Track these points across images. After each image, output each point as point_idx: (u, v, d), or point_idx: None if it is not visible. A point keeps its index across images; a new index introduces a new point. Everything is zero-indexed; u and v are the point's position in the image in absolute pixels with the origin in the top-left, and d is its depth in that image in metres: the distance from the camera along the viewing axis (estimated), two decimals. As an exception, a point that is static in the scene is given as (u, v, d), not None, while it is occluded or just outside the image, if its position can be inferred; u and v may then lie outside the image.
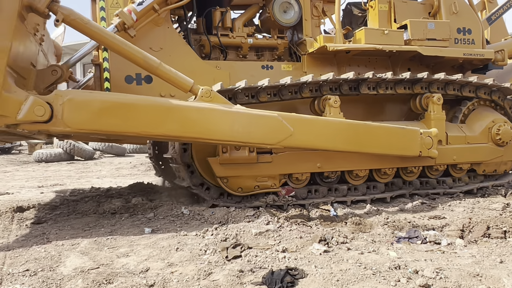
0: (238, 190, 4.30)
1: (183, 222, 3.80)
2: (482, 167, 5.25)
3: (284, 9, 5.13)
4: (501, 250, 2.84)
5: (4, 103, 2.90)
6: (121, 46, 3.42)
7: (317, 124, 4.04)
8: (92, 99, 3.26)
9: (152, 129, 3.41)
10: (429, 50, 5.21)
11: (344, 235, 3.21)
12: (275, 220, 3.53)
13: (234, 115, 3.64)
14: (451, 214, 4.07)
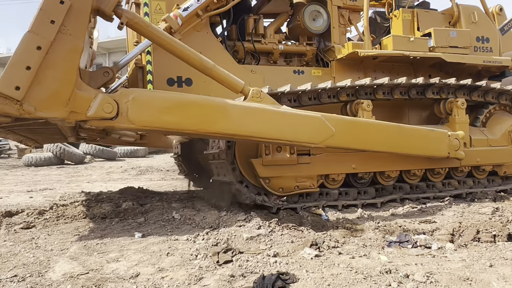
0: (279, 190, 4.45)
1: (174, 226, 3.78)
2: (503, 168, 5.46)
3: (314, 17, 5.35)
4: (490, 254, 2.86)
5: (76, 100, 3.04)
6: (180, 48, 3.56)
7: (357, 125, 4.22)
8: (155, 98, 3.41)
9: (209, 127, 3.52)
10: (452, 57, 5.51)
11: (335, 240, 3.21)
12: (267, 225, 3.52)
13: (283, 115, 3.78)
14: (441, 218, 4.09)
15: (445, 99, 5.13)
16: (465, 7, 5.96)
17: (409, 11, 5.71)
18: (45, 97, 2.91)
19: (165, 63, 4.50)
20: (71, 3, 2.93)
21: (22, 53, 2.84)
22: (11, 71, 2.81)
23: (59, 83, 2.96)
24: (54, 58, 2.90)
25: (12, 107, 2.80)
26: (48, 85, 2.92)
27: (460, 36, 5.64)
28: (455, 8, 5.84)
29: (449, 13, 5.90)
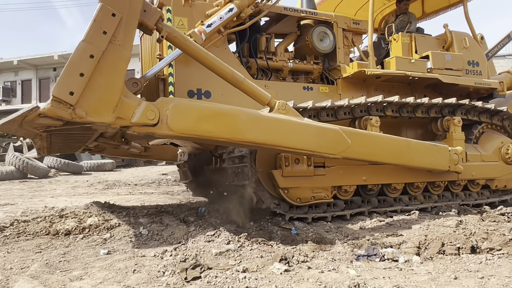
0: (297, 200, 4.66)
1: (141, 242, 3.70)
2: (495, 182, 5.87)
3: (321, 38, 5.67)
4: (455, 266, 2.92)
5: (122, 107, 3.22)
6: (213, 62, 3.78)
7: (370, 138, 4.53)
8: (193, 107, 3.60)
9: (241, 136, 3.72)
10: (448, 78, 5.99)
11: (304, 254, 3.21)
12: (236, 240, 3.49)
13: (306, 127, 4.05)
14: (408, 231, 4.16)
15: (443, 117, 5.54)
16: (457, 34, 6.47)
17: (407, 35, 6.16)
18: (96, 103, 3.09)
19: (186, 75, 4.74)
20: (121, 16, 3.16)
21: (76, 61, 3.02)
22: (66, 77, 2.99)
23: (109, 90, 3.15)
24: (105, 66, 3.10)
25: (65, 111, 2.97)
26: (99, 92, 3.10)
27: (454, 60, 6.16)
28: (449, 34, 6.37)
29: (443, 38, 6.43)
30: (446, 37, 6.40)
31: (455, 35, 6.43)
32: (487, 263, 2.92)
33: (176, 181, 11.10)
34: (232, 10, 4.84)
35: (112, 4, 3.13)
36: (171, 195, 8.12)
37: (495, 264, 2.89)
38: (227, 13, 4.82)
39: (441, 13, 7.59)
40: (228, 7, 4.84)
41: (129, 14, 3.22)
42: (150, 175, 13.76)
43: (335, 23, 5.85)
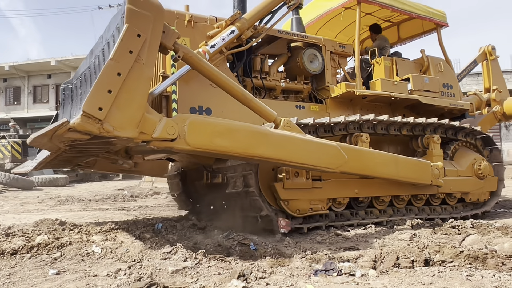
0: (296, 211, 4.90)
1: (94, 261, 3.54)
2: (469, 196, 6.26)
3: (311, 60, 5.98)
4: (409, 279, 2.98)
5: (145, 122, 3.40)
6: (226, 81, 4.06)
7: (364, 154, 4.88)
8: (208, 123, 3.84)
9: (251, 151, 3.97)
10: (427, 99, 6.46)
11: (263, 270, 3.18)
12: (193, 256, 3.41)
13: (309, 143, 4.35)
14: (364, 245, 4.22)
15: (423, 135, 5.98)
16: (433, 58, 6.95)
17: (389, 59, 6.57)
18: (122, 118, 3.25)
19: (188, 93, 4.89)
20: (146, 37, 3.37)
21: (105, 78, 3.19)
22: (95, 94, 3.13)
23: (134, 106, 3.33)
24: (130, 83, 3.28)
25: (94, 126, 3.11)
26: (125, 108, 3.26)
27: (431, 82, 6.64)
28: (425, 59, 6.85)
29: (420, 62, 6.91)
30: (423, 61, 6.88)
31: (431, 59, 6.90)
32: (440, 275, 2.99)
33: (160, 194, 10.84)
34: (234, 32, 5.07)
35: (137, 26, 3.34)
36: (127, 211, 7.90)
37: (447, 276, 2.97)
38: (229, 35, 5.05)
39: (416, 38, 8.08)
40: (230, 29, 5.07)
41: (152, 35, 3.43)
42: (105, 191, 13.37)
43: (323, 46, 6.18)
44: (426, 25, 7.53)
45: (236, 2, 5.73)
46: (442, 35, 7.24)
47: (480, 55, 8.59)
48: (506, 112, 7.99)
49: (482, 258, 3.33)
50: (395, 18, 7.55)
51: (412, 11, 6.82)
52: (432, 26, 7.40)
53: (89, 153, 4.62)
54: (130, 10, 3.35)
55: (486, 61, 8.52)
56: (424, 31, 7.72)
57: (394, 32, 8.04)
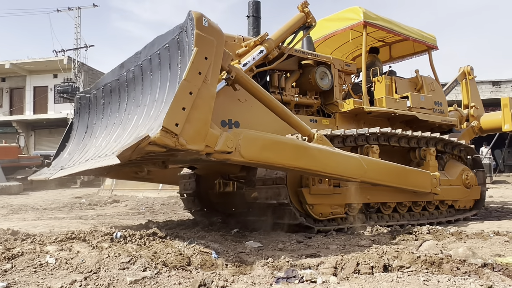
0: (319, 215, 5.33)
1: (47, 273, 3.38)
2: (458, 203, 6.91)
3: (321, 77, 6.39)
4: (369, 285, 3.02)
5: (209, 136, 3.78)
6: (269, 98, 4.61)
7: (379, 164, 5.45)
8: (258, 137, 4.28)
9: (293, 162, 4.43)
10: (423, 116, 7.13)
11: (224, 279, 3.14)
12: (153, 266, 3.32)
13: (338, 155, 4.88)
14: (325, 251, 4.26)
15: (420, 147, 6.57)
16: (426, 78, 7.59)
17: (389, 78, 7.05)
18: (193, 133, 3.62)
19: (218, 106, 5.07)
20: (211, 59, 3.77)
21: (180, 96, 3.54)
22: (173, 111, 3.49)
23: (202, 122, 3.71)
24: (199, 102, 3.66)
25: (171, 140, 3.46)
26: (195, 123, 3.63)
27: (426, 100, 7.32)
28: (420, 79, 7.48)
29: (414, 81, 7.52)
30: (417, 80, 7.50)
31: (424, 79, 7.55)
32: (398, 280, 3.05)
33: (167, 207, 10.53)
34: (262, 52, 5.45)
35: (204, 49, 3.74)
36: (85, 220, 7.66)
37: (405, 281, 3.03)
38: (258, 54, 5.41)
39: (407, 58, 8.73)
40: (259, 49, 5.44)
41: (215, 57, 3.83)
42: (62, 199, 12.93)
43: (332, 64, 6.66)
44: (417, 47, 8.19)
45: (251, 22, 6.31)
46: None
47: (460, 75, 9.30)
48: (482, 127, 8.80)
49: (438, 263, 3.43)
50: (388, 39, 8.16)
51: (409, 34, 7.49)
52: (424, 48, 8.07)
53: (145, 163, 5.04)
54: (198, 35, 3.76)
55: (465, 80, 9.25)
56: (415, 52, 8.40)
57: (386, 51, 8.64)
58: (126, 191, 13.60)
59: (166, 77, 4.51)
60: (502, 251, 4.23)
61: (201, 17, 3.85)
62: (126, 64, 5.38)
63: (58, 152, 6.45)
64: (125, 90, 5.36)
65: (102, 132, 5.67)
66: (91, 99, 6.20)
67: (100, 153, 5.04)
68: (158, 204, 10.95)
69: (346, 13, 7.14)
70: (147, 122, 4.37)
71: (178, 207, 10.16)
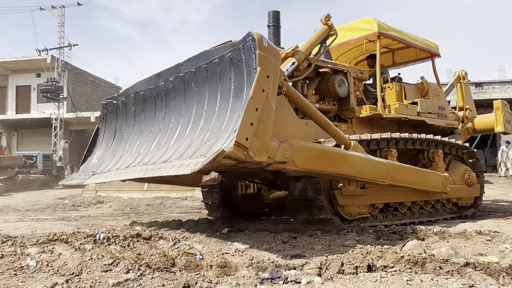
0: (348, 215, 5.72)
1: (28, 275, 3.32)
2: (461, 201, 7.37)
3: (339, 84, 6.65)
4: (353, 285, 3.03)
5: (271, 149, 4.15)
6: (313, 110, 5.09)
7: (402, 168, 5.94)
8: (308, 147, 4.72)
9: (336, 169, 4.95)
10: (430, 120, 7.59)
11: (208, 280, 3.12)
12: (136, 268, 3.29)
13: (370, 161, 5.38)
14: (310, 252, 4.27)
15: (429, 149, 6.99)
16: (431, 84, 8.00)
17: (398, 84, 7.40)
18: (259, 146, 3.96)
19: None
20: (271, 77, 4.09)
21: (248, 113, 3.86)
22: (243, 126, 3.80)
23: (266, 136, 4.06)
24: (263, 117, 3.98)
25: (242, 153, 3.78)
26: (260, 137, 3.97)
27: (432, 105, 7.77)
28: (426, 85, 7.87)
29: (420, 87, 7.90)
30: (423, 86, 7.89)
31: (429, 85, 7.94)
32: (382, 280, 3.07)
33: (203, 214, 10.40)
34: (294, 64, 5.65)
35: (266, 68, 4.05)
36: (68, 221, 7.56)
37: (388, 281, 3.04)
38: (291, 66, 5.59)
39: (410, 64, 9.14)
40: (291, 61, 5.63)
41: (274, 75, 4.13)
42: (45, 200, 12.74)
43: (348, 72, 6.92)
44: (420, 54, 8.56)
45: (272, 32, 6.58)
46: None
47: (456, 79, 9.70)
48: (476, 128, 9.22)
49: (421, 263, 3.46)
50: (392, 46, 8.44)
51: (417, 44, 7.93)
52: (427, 56, 8.48)
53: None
54: (261, 55, 4.06)
55: (460, 84, 9.64)
56: (418, 58, 8.80)
57: (389, 57, 9.00)
58: (110, 192, 13.45)
59: (215, 90, 4.77)
60: (484, 250, 4.29)
61: (261, 38, 4.14)
62: (164, 74, 5.60)
63: (85, 157, 6.67)
64: (163, 99, 5.61)
65: (136, 139, 5.93)
66: (118, 105, 6.44)
67: (145, 161, 5.29)
68: (143, 205, 10.85)
69: (361, 23, 7.53)
70: (200, 133, 4.70)
71: (163, 208, 10.10)
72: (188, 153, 4.59)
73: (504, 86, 24.60)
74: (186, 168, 4.19)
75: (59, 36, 28.90)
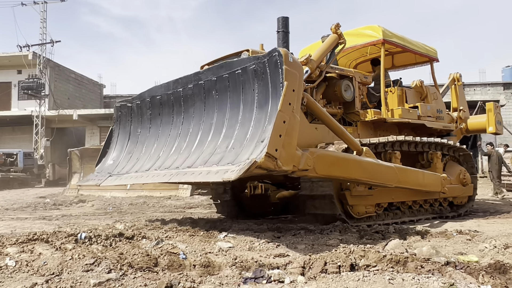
0: (357, 214, 6.03)
1: (7, 276, 3.25)
2: (457, 199, 7.72)
3: (345, 89, 6.89)
4: (336, 284, 3.04)
5: (296, 158, 4.41)
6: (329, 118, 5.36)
7: (406, 171, 6.25)
8: (326, 155, 5.05)
9: (351, 174, 5.31)
10: (430, 124, 7.91)
11: (191, 280, 3.10)
12: (118, 268, 3.25)
13: (380, 166, 5.75)
14: (294, 251, 4.27)
15: (429, 151, 7.30)
16: (429, 88, 8.32)
17: (400, 89, 7.68)
18: (286, 156, 4.20)
19: None
20: (296, 91, 4.31)
21: (277, 125, 4.10)
22: (273, 138, 4.05)
23: (292, 146, 4.32)
24: (289, 128, 4.23)
25: (271, 163, 4.03)
26: (287, 147, 4.22)
27: (431, 109, 8.09)
28: (425, 89, 8.15)
29: (419, 91, 8.15)
30: (422, 90, 8.15)
31: (428, 89, 8.25)
32: (364, 279, 3.09)
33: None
34: (307, 72, 5.88)
35: (292, 83, 4.26)
36: (48, 220, 7.44)
37: (371, 280, 3.07)
38: (305, 73, 5.70)
39: (409, 67, 9.47)
40: (305, 70, 5.76)
41: (298, 88, 4.35)
42: (25, 199, 12.52)
43: (354, 77, 7.17)
44: (418, 58, 8.92)
45: (281, 37, 6.70)
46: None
47: (451, 81, 10.03)
48: (469, 129, 9.55)
49: (403, 262, 3.50)
50: (392, 50, 8.63)
51: (418, 50, 8.26)
52: (425, 60, 8.85)
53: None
54: (287, 71, 4.27)
55: (455, 85, 9.97)
56: (417, 62, 9.15)
57: (389, 60, 9.27)
58: (93, 191, 13.28)
59: (237, 99, 4.94)
60: (464, 249, 4.36)
61: (287, 53, 4.35)
62: (182, 80, 5.76)
63: (100, 158, 6.82)
64: (181, 105, 5.79)
65: (153, 142, 6.11)
66: (133, 108, 6.59)
67: (166, 164, 5.46)
68: (126, 204, 10.75)
69: (366, 29, 7.81)
70: (224, 140, 4.89)
71: (147, 207, 10.02)
72: (213, 159, 4.78)
73: (485, 88, 25.06)
74: (215, 175, 4.42)
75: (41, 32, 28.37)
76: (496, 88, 25.04)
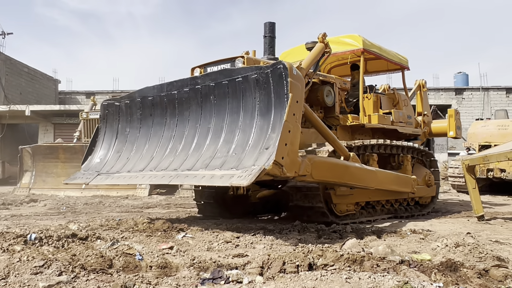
0: (339, 212, 6.46)
1: None
2: (422, 199, 8.33)
3: (327, 94, 7.21)
4: (294, 284, 3.05)
5: (297, 164, 4.72)
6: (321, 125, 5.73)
7: (385, 174, 6.86)
8: (322, 160, 5.42)
9: (341, 179, 5.76)
10: (402, 129, 8.46)
11: (147, 281, 3.02)
12: (70, 270, 3.12)
13: (365, 170, 6.25)
14: (253, 251, 4.26)
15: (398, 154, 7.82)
16: (400, 95, 8.88)
17: (375, 95, 8.00)
18: (289, 163, 4.49)
19: None
20: (300, 102, 4.59)
21: (283, 135, 4.35)
22: (280, 147, 4.32)
23: (295, 153, 4.62)
24: (293, 137, 4.50)
25: (278, 170, 4.33)
26: (291, 155, 4.51)
27: (403, 115, 8.63)
28: (397, 96, 8.74)
29: (392, 97, 8.70)
30: (394, 96, 8.73)
31: (399, 96, 8.80)
32: (322, 279, 3.11)
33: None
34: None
35: (296, 94, 4.51)
36: (-4, 221, 7.06)
37: (328, 279, 3.09)
38: None
39: (381, 74, 10.04)
40: None
41: (300, 99, 4.61)
42: (-29, 198, 11.83)
43: (335, 83, 7.55)
44: (390, 66, 9.39)
45: (268, 42, 6.89)
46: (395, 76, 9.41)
47: (417, 87, 10.54)
48: (432, 132, 10.19)
49: (360, 261, 3.55)
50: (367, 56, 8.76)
51: (392, 59, 8.66)
52: (397, 68, 9.33)
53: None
54: (292, 83, 4.49)
55: (420, 91, 10.48)
56: (389, 69, 9.67)
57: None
58: (45, 190, 12.75)
59: (237, 106, 5.08)
60: (417, 248, 4.49)
61: (292, 67, 4.59)
62: (177, 84, 5.79)
63: (86, 157, 6.74)
64: (175, 107, 5.83)
65: (144, 142, 6.13)
66: (121, 107, 6.54)
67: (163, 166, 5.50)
68: (81, 203, 10.39)
69: (347, 38, 8.15)
70: (224, 145, 5.05)
71: (103, 207, 9.72)
72: (215, 163, 4.91)
73: (438, 93, 26.03)
74: (221, 180, 4.60)
75: (-8, 23, 27.02)
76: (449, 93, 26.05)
